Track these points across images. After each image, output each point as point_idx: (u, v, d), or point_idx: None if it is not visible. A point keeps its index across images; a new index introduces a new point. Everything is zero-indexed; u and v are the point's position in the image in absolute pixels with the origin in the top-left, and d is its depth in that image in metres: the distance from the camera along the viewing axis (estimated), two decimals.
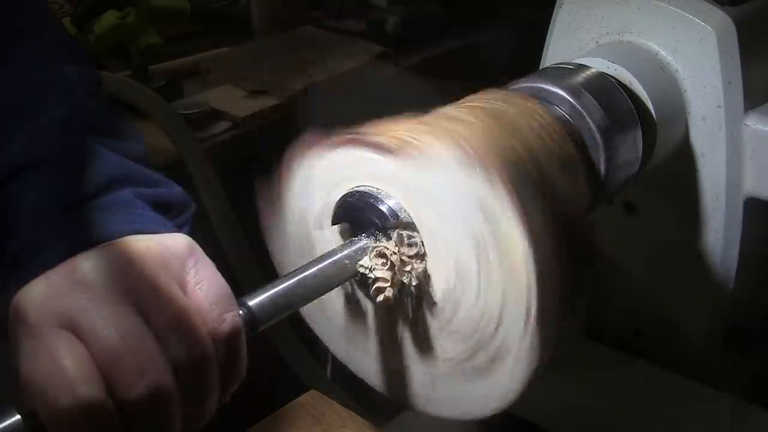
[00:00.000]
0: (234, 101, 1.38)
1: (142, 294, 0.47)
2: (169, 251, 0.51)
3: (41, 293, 0.48)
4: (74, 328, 0.46)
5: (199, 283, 0.50)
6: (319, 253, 0.60)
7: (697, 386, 0.91)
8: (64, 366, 0.44)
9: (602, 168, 0.71)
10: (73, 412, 0.44)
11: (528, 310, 0.54)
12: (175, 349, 0.47)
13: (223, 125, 1.33)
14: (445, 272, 0.56)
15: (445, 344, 0.59)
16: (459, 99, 0.66)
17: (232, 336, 0.49)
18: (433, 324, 0.59)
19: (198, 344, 0.47)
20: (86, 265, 0.49)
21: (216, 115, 1.34)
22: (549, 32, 0.91)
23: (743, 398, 0.91)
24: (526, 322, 0.54)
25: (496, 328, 0.56)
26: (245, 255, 1.22)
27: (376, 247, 0.57)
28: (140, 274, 0.48)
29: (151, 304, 0.47)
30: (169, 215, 0.58)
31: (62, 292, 0.47)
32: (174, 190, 0.60)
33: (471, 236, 0.54)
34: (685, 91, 0.81)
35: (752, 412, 0.89)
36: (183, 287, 0.50)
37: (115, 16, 1.52)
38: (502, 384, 0.57)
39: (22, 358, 0.46)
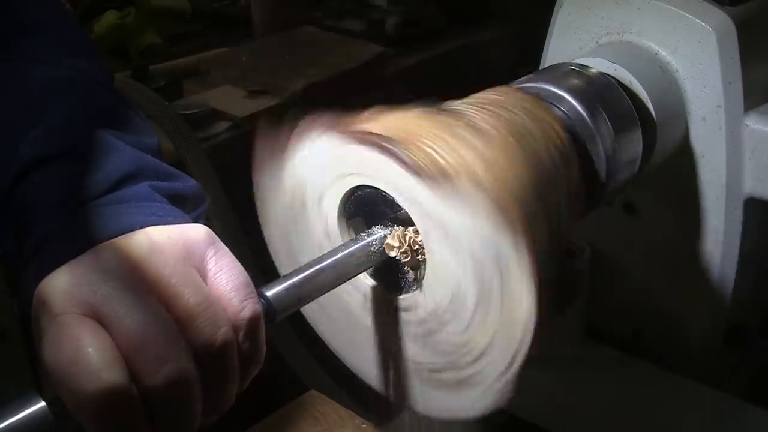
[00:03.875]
0: (234, 101, 1.38)
1: (164, 283, 0.48)
2: (190, 241, 0.51)
3: (65, 282, 0.48)
4: (98, 316, 0.47)
5: (219, 271, 0.51)
6: (301, 230, 0.61)
7: (697, 386, 0.91)
8: (87, 352, 0.45)
9: (602, 168, 0.71)
10: (97, 397, 0.44)
11: (513, 359, 0.54)
12: (197, 336, 0.47)
13: (223, 125, 1.33)
14: (440, 294, 0.57)
15: (419, 350, 0.60)
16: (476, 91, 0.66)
17: (252, 323, 0.50)
18: (416, 328, 0.60)
19: (219, 332, 0.48)
20: (109, 254, 0.49)
21: (216, 115, 1.34)
22: (549, 32, 0.91)
23: (743, 398, 0.91)
24: (507, 368, 0.55)
25: (474, 362, 0.56)
26: (245, 255, 1.22)
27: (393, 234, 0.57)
28: (162, 263, 0.49)
29: (173, 293, 0.48)
30: (184, 208, 0.58)
31: (86, 281, 0.48)
32: (189, 184, 0.60)
33: (478, 279, 0.54)
34: (685, 91, 0.81)
35: (752, 412, 0.89)
36: (203, 276, 0.51)
37: (115, 16, 1.52)
38: (464, 405, 0.58)
39: (45, 345, 0.47)
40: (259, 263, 0.67)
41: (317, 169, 0.59)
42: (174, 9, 1.59)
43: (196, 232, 0.52)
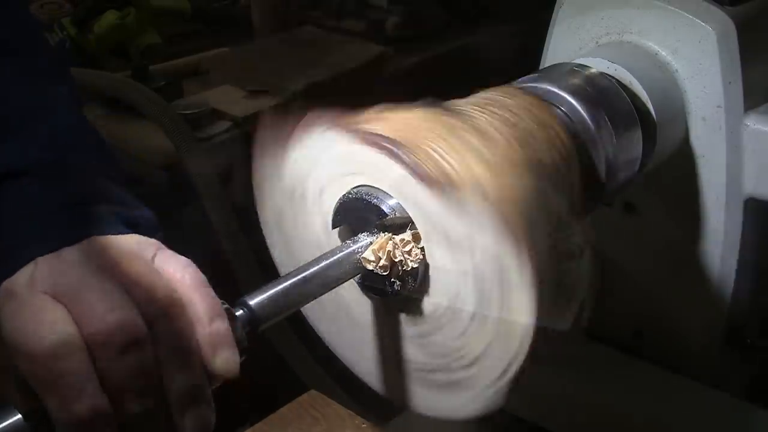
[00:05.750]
0: (234, 101, 1.38)
1: (122, 273, 0.51)
2: (140, 243, 0.55)
3: (29, 274, 0.51)
4: (58, 297, 0.49)
5: (166, 262, 0.54)
6: (298, 218, 0.61)
7: (697, 386, 0.91)
8: (45, 320, 0.48)
9: (602, 169, 0.71)
10: (46, 350, 0.46)
11: (508, 368, 0.54)
12: (146, 305, 0.50)
13: (223, 125, 1.33)
14: (437, 299, 0.57)
15: (412, 349, 0.60)
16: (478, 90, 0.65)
17: (194, 281, 0.53)
18: (411, 329, 0.60)
19: (164, 295, 0.51)
20: (72, 254, 0.53)
21: (216, 115, 1.34)
22: (549, 32, 0.91)
23: (743, 398, 0.91)
24: (500, 376, 0.55)
25: (467, 367, 0.57)
26: (245, 255, 1.22)
27: (376, 242, 0.56)
28: (119, 258, 0.53)
29: (130, 279, 0.51)
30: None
31: (50, 273, 0.51)
32: (144, 214, 0.63)
33: (478, 289, 0.54)
34: (685, 91, 0.81)
35: (752, 412, 0.89)
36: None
37: (115, 16, 1.52)
38: (453, 406, 0.59)
39: (5, 319, 0.49)
40: (259, 262, 0.67)
41: (322, 163, 0.59)
42: (174, 9, 1.59)
43: (146, 239, 0.57)
